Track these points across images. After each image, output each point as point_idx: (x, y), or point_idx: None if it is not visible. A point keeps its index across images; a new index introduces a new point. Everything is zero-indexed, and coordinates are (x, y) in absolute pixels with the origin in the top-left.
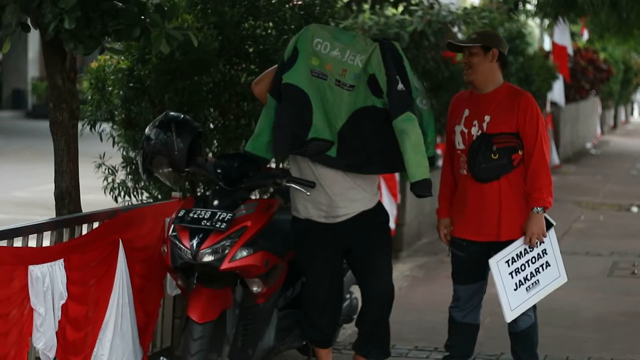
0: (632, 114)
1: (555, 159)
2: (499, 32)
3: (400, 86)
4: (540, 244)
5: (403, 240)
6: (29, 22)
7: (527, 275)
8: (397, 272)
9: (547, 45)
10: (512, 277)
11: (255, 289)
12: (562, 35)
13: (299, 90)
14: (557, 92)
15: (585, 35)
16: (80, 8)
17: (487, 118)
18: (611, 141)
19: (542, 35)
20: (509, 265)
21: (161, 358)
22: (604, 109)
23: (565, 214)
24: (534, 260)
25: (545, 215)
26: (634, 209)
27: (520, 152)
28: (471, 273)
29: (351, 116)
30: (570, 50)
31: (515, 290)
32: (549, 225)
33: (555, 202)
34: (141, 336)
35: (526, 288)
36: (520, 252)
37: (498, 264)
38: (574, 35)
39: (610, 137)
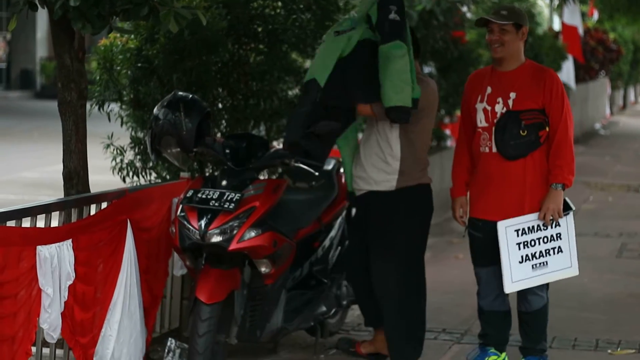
0: None
1: None
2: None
3: (393, 15)
4: (555, 225)
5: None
6: (36, 1)
7: (536, 253)
8: None
9: (557, 26)
10: (520, 249)
11: (263, 269)
12: (572, 15)
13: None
14: (566, 72)
15: (595, 15)
16: None
17: (512, 95)
18: (620, 122)
19: (552, 15)
20: (517, 235)
21: (169, 339)
22: (613, 90)
23: (574, 195)
24: (546, 240)
25: (566, 198)
26: None
27: (547, 129)
28: (490, 254)
29: (353, 49)
30: (580, 31)
31: (520, 263)
32: (568, 209)
33: None
34: (146, 317)
35: (532, 265)
36: (533, 227)
37: (506, 230)
38: (583, 16)
39: (619, 118)
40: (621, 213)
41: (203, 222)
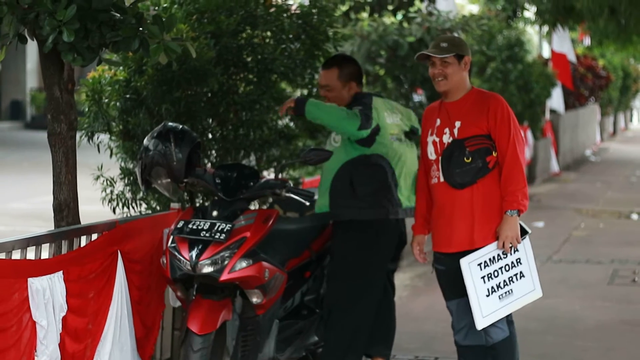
0: (631, 120)
1: (554, 166)
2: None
3: None
4: (514, 252)
5: (403, 250)
6: (25, 34)
7: (500, 283)
8: (397, 281)
9: (546, 53)
10: (485, 282)
11: (254, 300)
12: (561, 42)
13: (384, 160)
14: (556, 99)
15: (587, 40)
16: (78, 20)
17: (457, 124)
18: (610, 148)
19: (541, 42)
20: (481, 269)
21: None
22: (603, 116)
23: (565, 222)
24: (507, 267)
25: (521, 222)
26: (634, 217)
27: (494, 154)
28: (455, 286)
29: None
30: (573, 58)
31: (487, 296)
32: (524, 233)
33: (555, 209)
34: (141, 347)
35: (499, 296)
36: (494, 257)
37: (470, 265)
38: (573, 42)
39: (609, 144)
40: (612, 240)
41: (194, 253)
